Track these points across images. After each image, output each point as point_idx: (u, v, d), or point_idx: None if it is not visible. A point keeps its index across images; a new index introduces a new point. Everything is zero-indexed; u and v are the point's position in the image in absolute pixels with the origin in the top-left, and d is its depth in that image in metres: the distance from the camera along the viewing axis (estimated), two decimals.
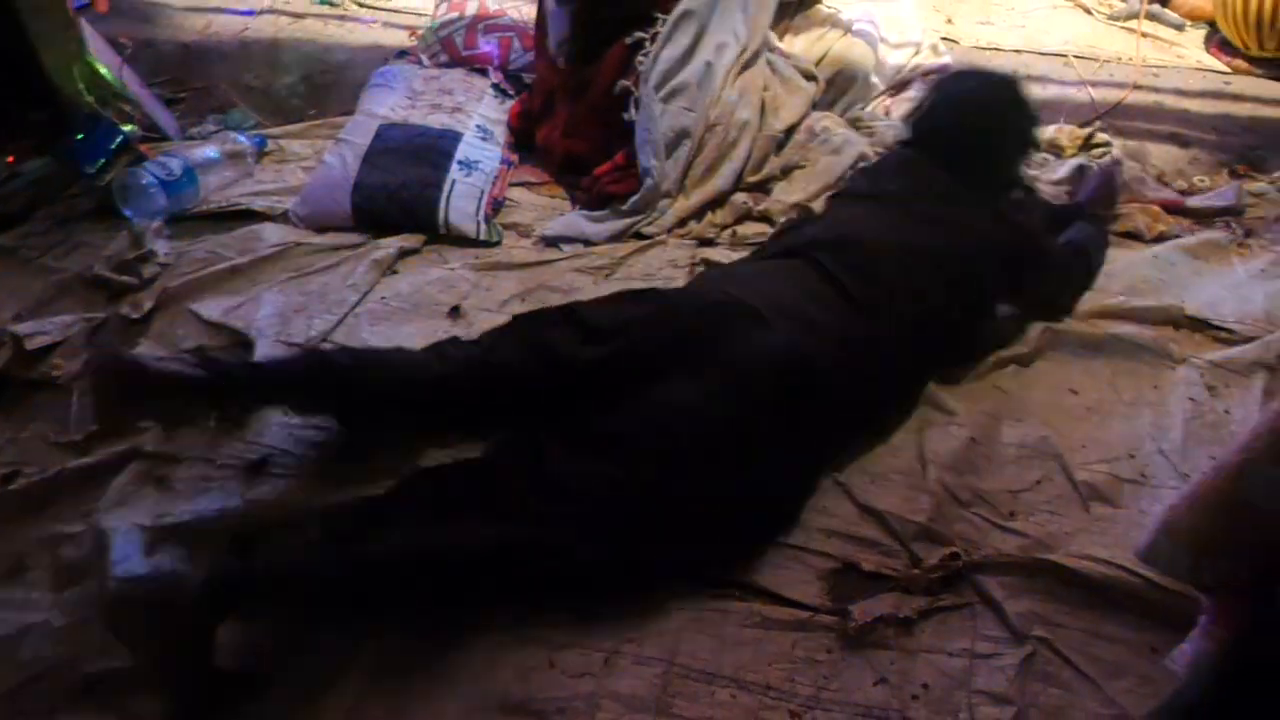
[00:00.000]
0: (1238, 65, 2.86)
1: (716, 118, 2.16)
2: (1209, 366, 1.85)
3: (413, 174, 2.14)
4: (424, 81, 2.45)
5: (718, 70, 2.16)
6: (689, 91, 2.12)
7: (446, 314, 1.91)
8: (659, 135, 2.08)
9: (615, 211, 2.12)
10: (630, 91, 2.11)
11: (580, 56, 2.20)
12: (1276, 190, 2.45)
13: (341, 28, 2.89)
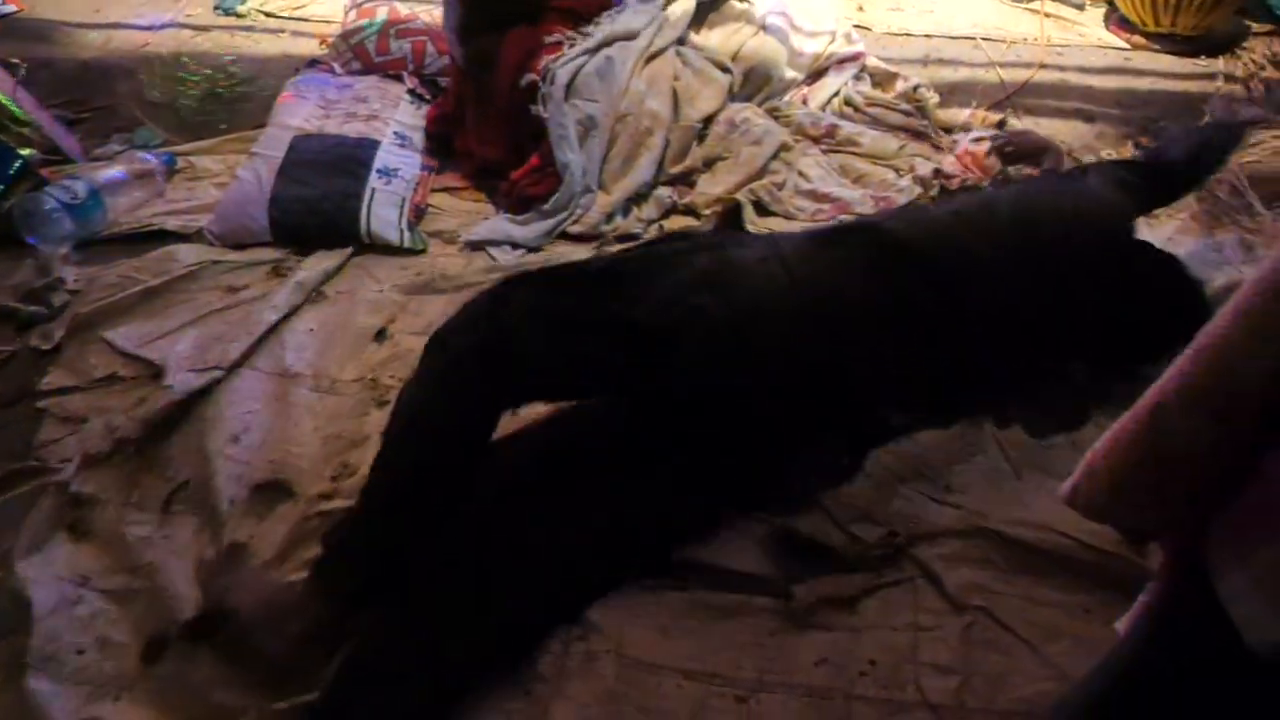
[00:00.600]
0: (1136, 41, 2.97)
1: (626, 108, 2.16)
2: None
3: (331, 185, 2.10)
4: (337, 90, 2.40)
5: (621, 62, 2.15)
6: (591, 83, 2.12)
7: (373, 337, 1.87)
8: (570, 128, 2.07)
9: (539, 212, 2.11)
10: (536, 86, 2.09)
11: (475, 55, 2.17)
12: None
13: (248, 39, 2.82)
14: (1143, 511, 0.78)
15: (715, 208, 2.13)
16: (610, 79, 2.13)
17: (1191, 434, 0.70)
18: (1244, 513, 0.69)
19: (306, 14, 2.90)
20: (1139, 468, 0.75)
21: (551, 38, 2.12)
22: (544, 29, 2.13)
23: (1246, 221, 2.33)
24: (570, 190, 2.09)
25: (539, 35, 2.13)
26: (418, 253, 2.09)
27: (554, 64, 2.10)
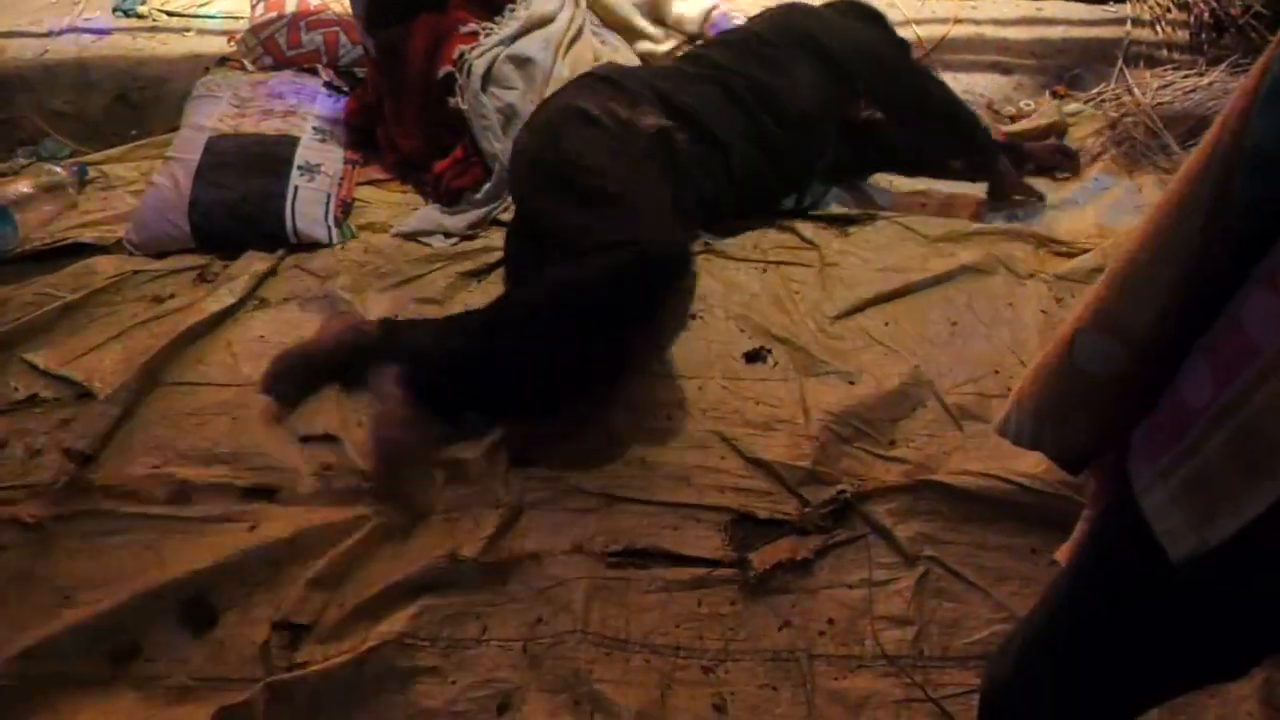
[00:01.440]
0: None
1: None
2: (1054, 280, 1.96)
3: (252, 185, 2.04)
4: (251, 88, 2.33)
5: (543, 49, 2.13)
6: (509, 72, 2.09)
7: None
8: (493, 118, 2.04)
9: (471, 202, 2.08)
10: (454, 78, 2.05)
11: (384, 45, 2.13)
12: (1093, 108, 2.61)
13: (153, 40, 2.72)
14: (1068, 436, 0.80)
15: None
16: (532, 67, 2.10)
17: (1106, 357, 0.73)
18: (1160, 431, 0.72)
19: (211, 10, 2.81)
20: (1061, 393, 0.77)
21: (466, 27, 2.08)
22: (453, 17, 2.09)
23: (1163, 161, 2.39)
24: (502, 180, 2.06)
25: (448, 22, 2.09)
26: (348, 245, 2.04)
27: (470, 54, 2.06)
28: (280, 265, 2.01)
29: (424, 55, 2.08)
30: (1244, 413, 0.62)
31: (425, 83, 2.08)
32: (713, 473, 1.57)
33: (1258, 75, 0.61)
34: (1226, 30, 2.89)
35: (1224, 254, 0.64)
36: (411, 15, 2.09)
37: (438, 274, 1.97)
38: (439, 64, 2.07)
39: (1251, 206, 0.62)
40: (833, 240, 2.03)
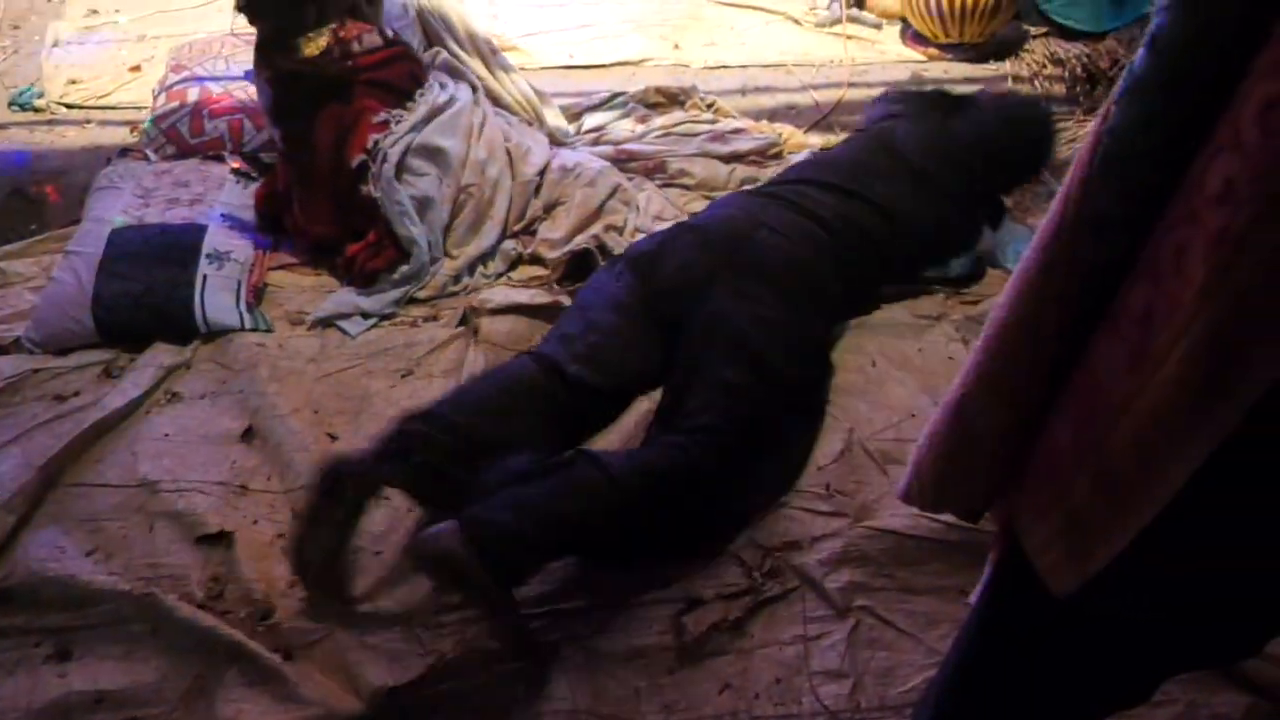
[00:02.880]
0: (931, 53, 3.18)
1: (468, 179, 2.16)
2: (963, 322, 2.03)
3: (158, 276, 1.99)
4: (155, 177, 2.29)
5: (453, 132, 2.15)
6: (421, 159, 2.10)
7: (239, 438, 1.78)
8: (408, 204, 2.04)
9: (388, 282, 2.06)
10: (367, 165, 2.05)
11: (290, 137, 2.12)
12: None
13: (51, 133, 2.66)
14: (967, 495, 0.84)
15: (560, 257, 2.13)
16: (444, 155, 2.12)
17: (991, 417, 0.78)
18: (1036, 475, 0.76)
19: (112, 102, 2.76)
20: (955, 456, 0.81)
21: (378, 116, 2.09)
22: (357, 106, 2.09)
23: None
24: (419, 262, 2.06)
25: (353, 111, 2.09)
26: (262, 333, 2.00)
27: (383, 142, 2.07)
28: (193, 358, 1.95)
29: (333, 145, 2.08)
30: (1103, 452, 0.66)
31: (335, 171, 2.08)
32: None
33: (1091, 149, 0.66)
34: (1098, 83, 3.08)
35: (1081, 310, 0.68)
36: (317, 106, 2.08)
37: (358, 369, 1.94)
38: (350, 152, 2.07)
39: (1098, 266, 0.66)
40: None
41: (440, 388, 1.86)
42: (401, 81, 2.15)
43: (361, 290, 2.07)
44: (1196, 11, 0.57)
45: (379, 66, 2.11)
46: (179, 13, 3.24)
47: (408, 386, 1.90)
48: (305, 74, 2.06)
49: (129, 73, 2.88)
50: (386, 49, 2.12)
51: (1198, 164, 0.58)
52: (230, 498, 1.66)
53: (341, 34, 2.06)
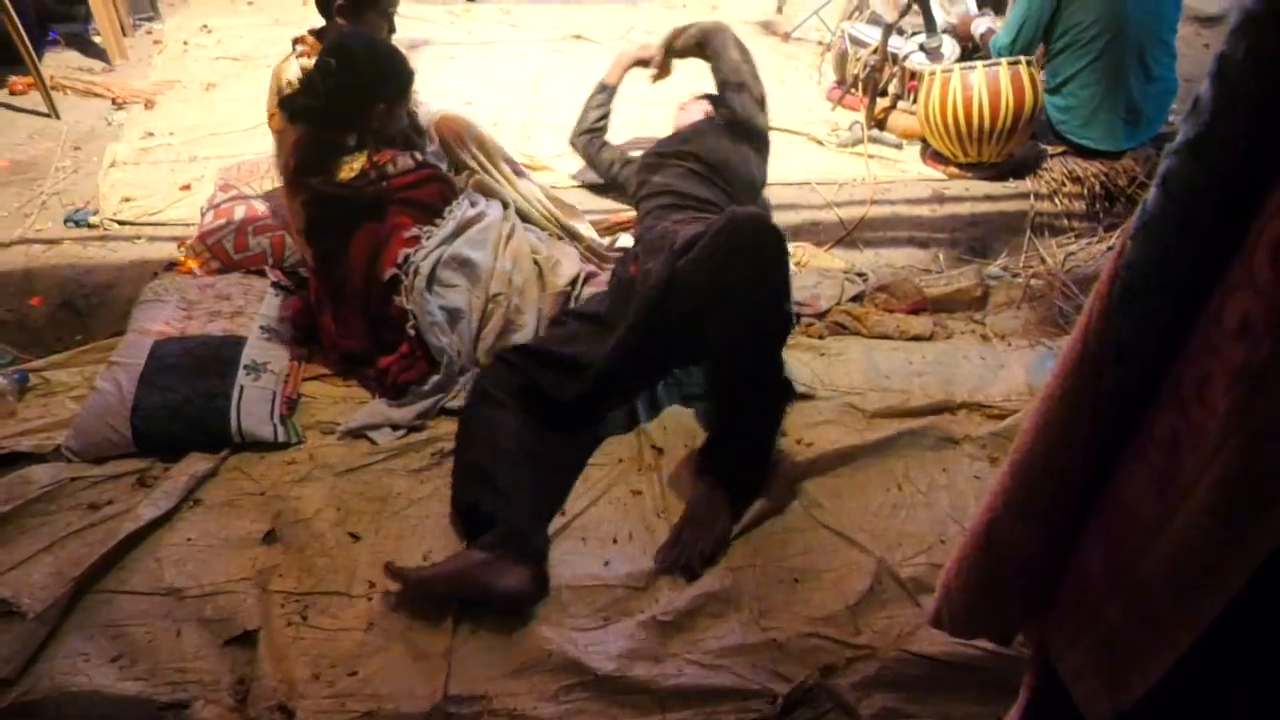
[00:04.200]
0: (951, 172, 3.26)
1: (496, 290, 2.22)
2: (989, 438, 2.02)
3: (197, 387, 2.05)
4: (198, 290, 2.38)
5: (481, 245, 2.22)
6: (452, 271, 2.17)
7: (261, 540, 1.80)
8: (438, 315, 2.10)
9: (417, 394, 2.10)
10: (399, 279, 2.12)
11: (324, 256, 2.20)
12: (1009, 274, 2.77)
13: (103, 248, 2.78)
14: (997, 619, 0.82)
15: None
16: (473, 267, 2.19)
17: (1022, 540, 0.77)
18: (1067, 599, 0.74)
19: (162, 219, 2.89)
20: (984, 581, 0.80)
21: (408, 232, 2.17)
22: (391, 223, 2.17)
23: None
24: (450, 373, 2.11)
25: (386, 229, 2.17)
26: (293, 445, 2.03)
27: (414, 256, 2.14)
28: (222, 466, 1.98)
29: (366, 260, 2.15)
30: (1135, 578, 0.65)
31: (368, 285, 2.15)
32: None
33: (1108, 281, 0.68)
34: (1117, 200, 3.14)
35: (1106, 435, 0.69)
36: (352, 225, 2.16)
37: (380, 468, 1.97)
38: (383, 266, 2.14)
39: (1121, 392, 0.67)
40: None
41: None
42: (433, 200, 2.25)
43: (392, 401, 2.10)
44: (1205, 156, 0.59)
45: (412, 187, 2.21)
46: (228, 135, 3.42)
47: (430, 484, 1.93)
48: (342, 196, 2.15)
49: (180, 191, 3.02)
50: (418, 170, 2.23)
51: (1215, 298, 0.60)
52: (255, 594, 1.67)
53: (376, 158, 2.18)
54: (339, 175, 2.16)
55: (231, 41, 4.50)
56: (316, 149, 2.17)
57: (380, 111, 2.19)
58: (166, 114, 3.66)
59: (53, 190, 3.07)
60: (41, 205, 2.98)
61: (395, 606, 1.64)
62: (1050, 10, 3.08)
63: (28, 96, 3.75)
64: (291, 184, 2.20)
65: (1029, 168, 3.25)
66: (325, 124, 2.15)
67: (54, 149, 3.35)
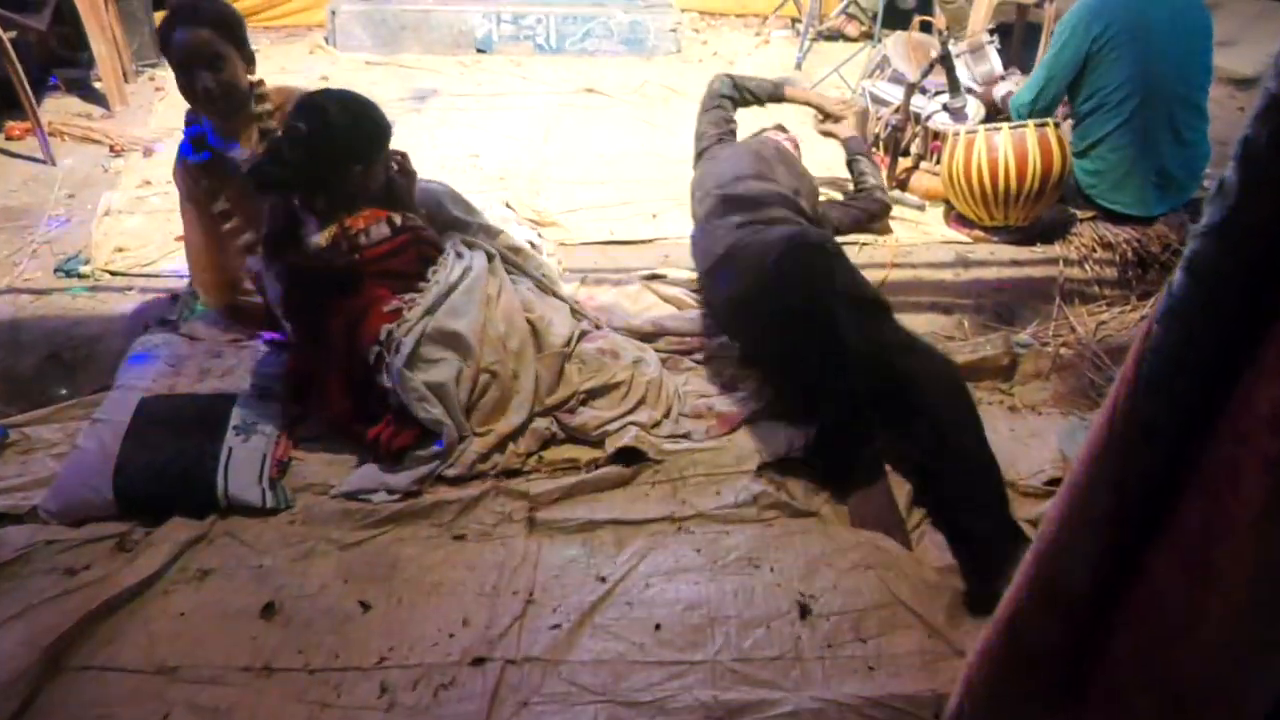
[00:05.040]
0: (976, 235, 3.30)
1: (492, 359, 2.21)
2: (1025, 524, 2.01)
3: (183, 447, 2.06)
4: (189, 346, 2.41)
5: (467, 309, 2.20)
6: (443, 345, 2.15)
7: (259, 614, 1.80)
8: (423, 390, 2.09)
9: (414, 458, 2.10)
10: (382, 356, 2.10)
11: (302, 329, 2.20)
12: (1038, 343, 2.77)
13: (93, 299, 2.82)
14: (1022, 714, 0.82)
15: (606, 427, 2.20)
16: (459, 337, 2.16)
17: (1047, 631, 0.77)
18: (1098, 694, 0.74)
19: (155, 270, 2.93)
20: (1009, 674, 0.79)
21: (388, 305, 2.15)
22: (367, 296, 2.15)
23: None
24: (448, 440, 2.11)
25: (364, 302, 2.15)
26: (281, 511, 2.04)
27: (396, 331, 2.11)
28: (211, 531, 1.98)
29: (345, 334, 2.13)
30: (1168, 670, 0.65)
31: (349, 359, 2.14)
32: None
33: (1135, 363, 0.68)
34: (1150, 267, 3.16)
35: (1134, 521, 0.69)
36: (327, 298, 2.15)
37: (387, 536, 1.98)
38: (363, 342, 2.12)
39: (1148, 476, 0.68)
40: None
41: (475, 551, 1.92)
42: (410, 267, 2.22)
43: (387, 467, 2.11)
44: (1231, 239, 0.60)
45: (387, 257, 2.18)
46: None
47: (442, 550, 1.94)
48: (313, 268, 2.13)
49: (175, 241, 3.07)
50: (394, 238, 2.19)
51: (1244, 384, 0.61)
52: (255, 682, 1.65)
53: (348, 224, 2.13)
54: (314, 243, 2.12)
55: None
56: (287, 216, 2.16)
57: (357, 173, 2.14)
58: (165, 162, 3.72)
59: (44, 238, 3.13)
60: (32, 253, 3.04)
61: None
62: (1074, 71, 3.14)
63: (24, 142, 3.85)
64: (266, 252, 2.19)
65: (1057, 232, 3.29)
66: (298, 191, 2.12)
67: (48, 196, 3.43)
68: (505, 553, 1.95)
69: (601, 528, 2.02)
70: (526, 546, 1.97)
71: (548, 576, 1.90)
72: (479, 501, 2.06)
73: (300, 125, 2.06)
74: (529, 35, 5.37)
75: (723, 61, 5.47)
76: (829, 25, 5.86)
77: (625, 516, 2.04)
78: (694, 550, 1.96)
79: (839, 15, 5.90)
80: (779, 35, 6.31)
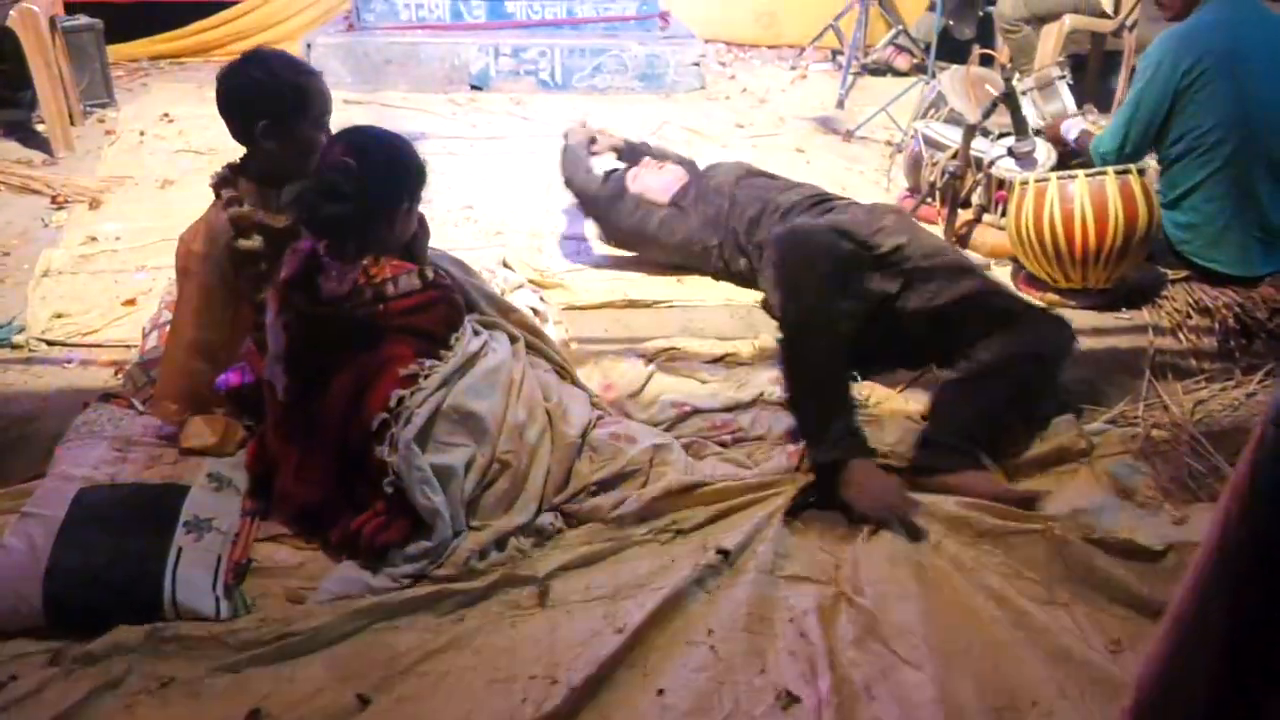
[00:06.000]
0: (1050, 299, 3.31)
1: (505, 446, 2.23)
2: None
3: (126, 546, 2.05)
4: (139, 427, 2.42)
5: (490, 391, 2.25)
6: (459, 426, 2.18)
7: None
8: (429, 471, 2.11)
9: (402, 556, 2.10)
10: (387, 425, 2.13)
11: (300, 385, 2.21)
12: (1119, 427, 2.75)
13: (26, 373, 2.85)
14: None
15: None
16: (478, 419, 2.20)
17: None
18: None
19: (99, 339, 2.97)
20: None
21: (405, 369, 2.17)
22: (385, 354, 2.18)
23: (1217, 485, 2.50)
24: (442, 537, 2.11)
25: (378, 362, 2.18)
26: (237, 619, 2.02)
27: (409, 399, 2.14)
28: (153, 641, 1.97)
29: (350, 397, 2.16)
30: None
31: (346, 427, 2.16)
32: None
33: (1247, 475, 0.68)
34: (1256, 336, 3.15)
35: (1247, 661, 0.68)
36: (338, 352, 2.18)
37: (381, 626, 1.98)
38: (370, 408, 2.14)
39: (1266, 603, 0.67)
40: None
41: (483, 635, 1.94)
42: (436, 327, 2.27)
43: (367, 564, 2.10)
44: None
45: (413, 312, 2.23)
46: None
47: (445, 635, 1.96)
48: (331, 317, 2.19)
49: (122, 306, 3.12)
50: (424, 292, 2.25)
51: None
52: None
53: (374, 271, 2.20)
54: (334, 289, 2.19)
55: (196, 132, 4.74)
56: (309, 261, 2.22)
57: (404, 212, 2.28)
58: (114, 214, 3.83)
59: None
60: None
61: None
62: (1163, 111, 3.17)
63: None
64: (278, 299, 2.24)
65: (1145, 296, 3.30)
66: (350, 232, 2.21)
67: None
68: (516, 635, 1.97)
69: (626, 598, 2.05)
70: (540, 625, 1.99)
71: (568, 655, 1.90)
72: (484, 594, 2.07)
73: (349, 160, 2.18)
74: (531, 70, 5.51)
75: (752, 99, 5.58)
76: (875, 57, 5.99)
77: (651, 581, 2.08)
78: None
79: (886, 46, 6.03)
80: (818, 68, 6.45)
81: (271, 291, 2.28)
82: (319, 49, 5.37)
